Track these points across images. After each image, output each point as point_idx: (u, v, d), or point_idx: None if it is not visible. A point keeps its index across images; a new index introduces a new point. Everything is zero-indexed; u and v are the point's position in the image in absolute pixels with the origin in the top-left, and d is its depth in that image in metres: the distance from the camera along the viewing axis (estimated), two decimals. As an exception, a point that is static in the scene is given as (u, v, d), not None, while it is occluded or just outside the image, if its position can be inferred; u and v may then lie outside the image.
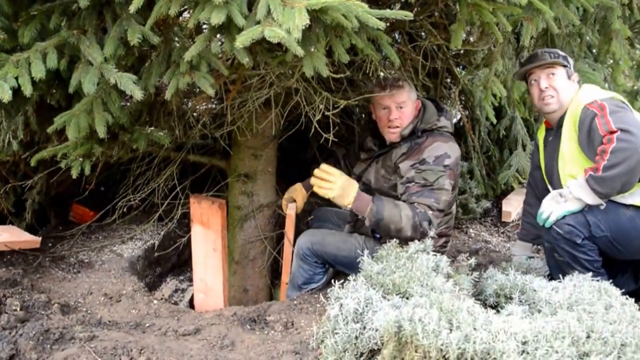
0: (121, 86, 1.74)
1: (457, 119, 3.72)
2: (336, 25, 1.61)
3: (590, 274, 1.95)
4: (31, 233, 2.94)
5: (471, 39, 2.78)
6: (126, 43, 1.77)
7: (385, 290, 1.83)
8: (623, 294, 1.80)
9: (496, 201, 4.16)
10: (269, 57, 1.94)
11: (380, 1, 2.59)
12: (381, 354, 1.58)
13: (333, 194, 2.24)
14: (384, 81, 2.51)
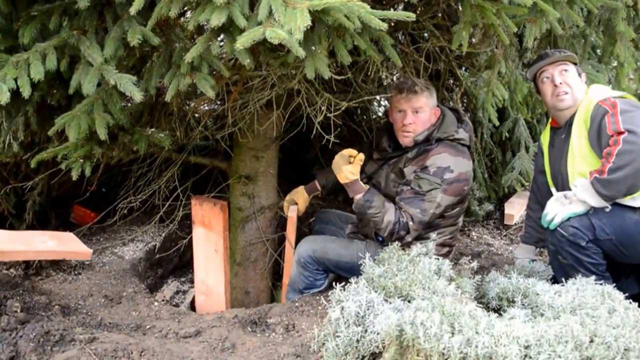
0: (121, 87, 1.74)
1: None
2: (338, 26, 1.60)
3: (594, 277, 1.94)
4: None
5: (473, 40, 2.76)
6: (127, 44, 1.76)
7: (387, 293, 1.81)
8: (627, 297, 1.79)
9: (499, 204, 4.14)
10: (270, 58, 1.94)
11: (383, 2, 2.58)
12: (383, 357, 1.57)
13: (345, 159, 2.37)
14: (401, 84, 2.47)
